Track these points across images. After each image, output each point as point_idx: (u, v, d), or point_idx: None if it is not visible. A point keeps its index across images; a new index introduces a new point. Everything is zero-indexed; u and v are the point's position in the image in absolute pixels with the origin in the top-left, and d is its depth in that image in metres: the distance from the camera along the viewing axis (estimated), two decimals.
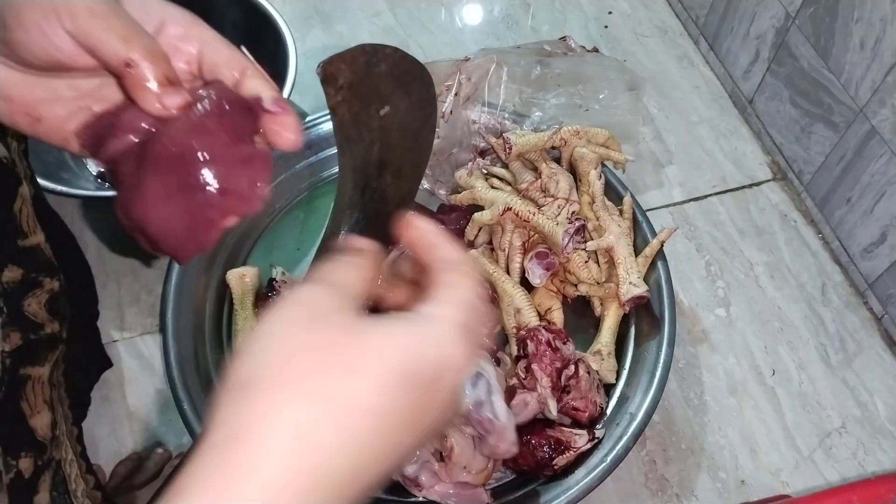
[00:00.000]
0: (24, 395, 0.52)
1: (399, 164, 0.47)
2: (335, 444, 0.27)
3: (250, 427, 0.27)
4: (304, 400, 0.27)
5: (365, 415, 0.28)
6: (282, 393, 0.27)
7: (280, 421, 0.27)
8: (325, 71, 0.39)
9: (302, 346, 0.28)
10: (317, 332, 0.29)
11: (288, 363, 0.28)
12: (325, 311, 0.30)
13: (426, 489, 0.66)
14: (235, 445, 0.26)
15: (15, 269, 0.54)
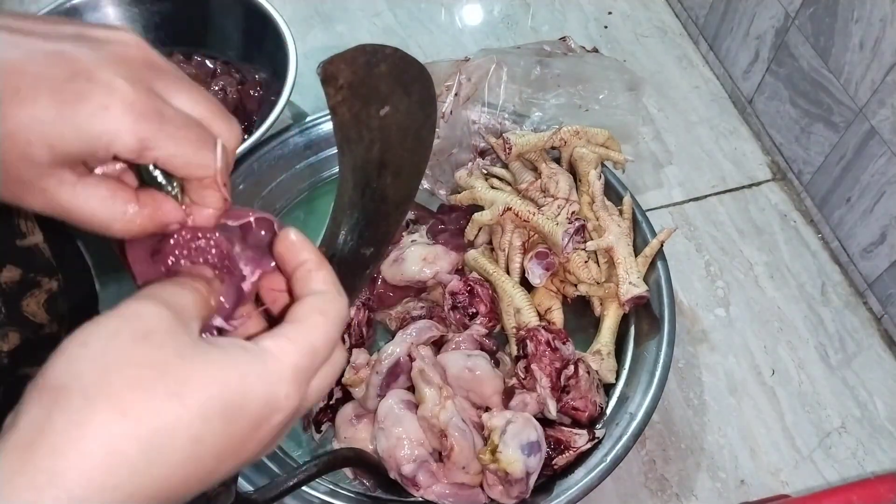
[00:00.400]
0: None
1: (399, 164, 0.47)
2: (143, 462, 0.26)
3: (58, 433, 0.25)
4: (119, 415, 0.26)
5: (181, 440, 0.27)
6: (96, 403, 0.26)
7: (89, 432, 0.25)
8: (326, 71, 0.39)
9: (126, 361, 0.27)
10: (144, 351, 0.27)
11: (107, 376, 0.26)
12: (156, 330, 0.28)
13: (424, 489, 0.66)
14: (40, 451, 0.25)
15: (13, 270, 0.54)
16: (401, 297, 0.80)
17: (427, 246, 0.80)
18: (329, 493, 0.69)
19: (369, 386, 0.70)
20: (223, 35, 0.99)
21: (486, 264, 0.80)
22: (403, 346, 0.70)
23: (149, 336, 0.28)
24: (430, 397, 0.67)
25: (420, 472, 0.66)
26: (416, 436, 0.67)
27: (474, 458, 0.65)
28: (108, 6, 0.96)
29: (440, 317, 0.77)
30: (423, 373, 0.69)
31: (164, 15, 0.99)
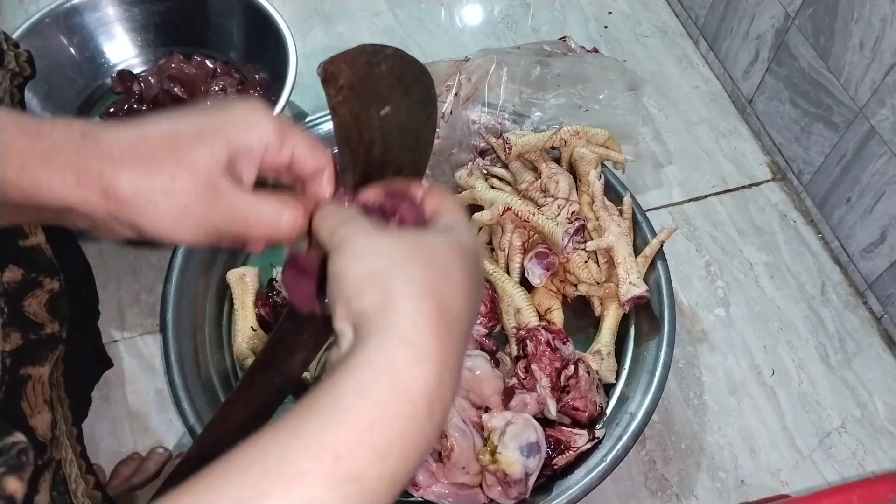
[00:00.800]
0: (25, 394, 0.52)
1: (399, 164, 0.47)
2: (450, 289, 0.36)
3: (396, 294, 0.34)
4: (420, 266, 0.35)
5: (458, 273, 0.37)
6: (406, 264, 0.35)
7: (414, 282, 0.35)
8: (326, 71, 0.39)
9: (394, 244, 0.37)
10: (391, 241, 0.37)
11: (395, 252, 0.36)
12: (395, 233, 0.38)
13: (423, 489, 0.66)
14: (389, 312, 0.34)
15: (15, 270, 0.54)
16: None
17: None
18: None
19: None
20: (223, 35, 0.99)
21: (486, 264, 0.80)
22: None
23: (388, 237, 0.37)
24: None
25: (420, 472, 0.66)
26: None
27: (474, 459, 0.66)
28: (109, 6, 0.96)
29: None
30: None
31: (164, 15, 0.99)
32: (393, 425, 0.31)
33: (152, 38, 1.00)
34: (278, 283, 0.78)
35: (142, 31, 0.99)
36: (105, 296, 0.85)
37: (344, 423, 0.30)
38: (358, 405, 0.31)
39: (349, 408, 0.31)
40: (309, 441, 0.30)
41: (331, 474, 0.29)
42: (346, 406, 0.31)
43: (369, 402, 0.31)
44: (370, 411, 0.31)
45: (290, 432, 0.31)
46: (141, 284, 0.88)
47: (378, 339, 0.33)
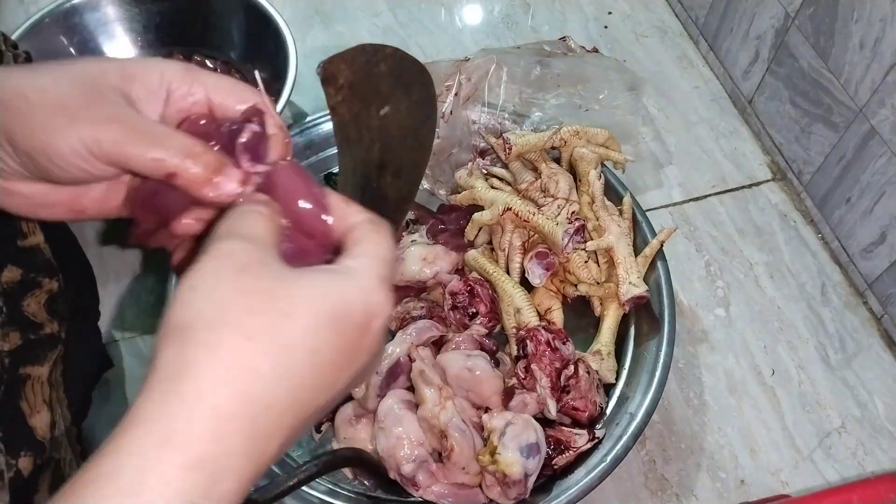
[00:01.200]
0: (24, 394, 0.52)
1: (399, 164, 0.47)
2: (274, 376, 0.29)
3: (194, 362, 0.28)
4: (242, 338, 0.29)
5: (301, 352, 0.30)
6: (221, 332, 0.29)
7: (221, 356, 0.28)
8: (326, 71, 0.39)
9: (235, 293, 0.30)
10: (246, 281, 0.30)
11: (224, 308, 0.29)
12: (249, 263, 0.31)
13: (423, 489, 0.66)
14: (181, 379, 0.28)
15: (14, 270, 0.54)
16: (401, 297, 0.80)
17: (427, 246, 0.80)
18: (329, 493, 0.69)
19: (369, 386, 0.70)
20: (223, 35, 0.99)
21: (486, 264, 0.80)
22: (403, 347, 0.70)
23: (246, 269, 0.31)
24: (429, 398, 0.67)
25: (420, 472, 0.66)
26: (416, 436, 0.67)
27: (474, 459, 0.66)
28: (109, 6, 0.96)
29: (440, 317, 0.77)
30: (422, 374, 0.69)
31: (164, 15, 0.99)
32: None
33: (152, 38, 1.00)
34: None
35: (142, 31, 0.99)
36: (105, 296, 0.85)
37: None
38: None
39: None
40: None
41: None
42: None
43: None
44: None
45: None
46: (141, 284, 0.88)
47: (137, 430, 0.28)
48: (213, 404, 0.28)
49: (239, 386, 0.28)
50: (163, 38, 1.00)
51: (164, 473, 0.26)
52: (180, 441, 0.27)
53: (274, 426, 0.29)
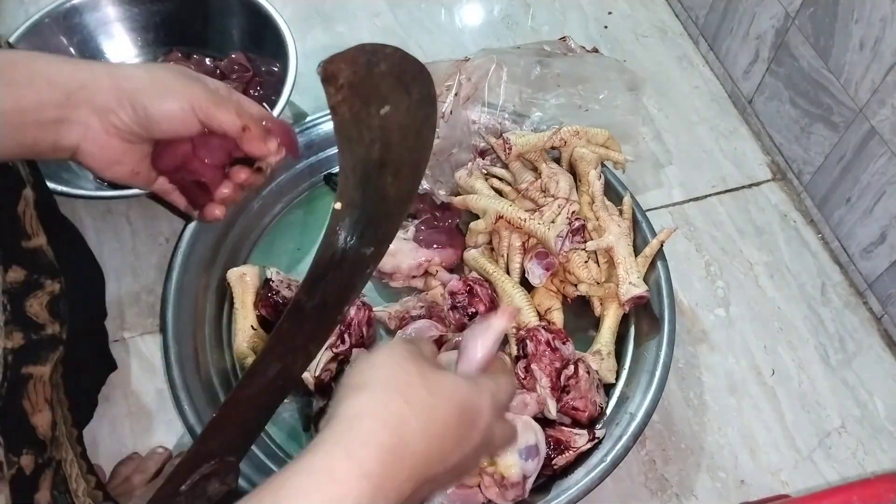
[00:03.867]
0: (26, 393, 0.53)
1: (399, 164, 0.47)
2: (419, 431, 0.38)
3: (370, 408, 0.38)
4: (402, 400, 0.39)
5: (440, 422, 0.40)
6: (388, 393, 0.39)
7: (389, 407, 0.38)
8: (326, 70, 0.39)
9: (401, 371, 0.41)
10: (411, 365, 0.41)
11: (392, 377, 0.40)
12: (416, 357, 0.42)
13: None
14: (360, 418, 0.38)
15: (18, 270, 0.54)
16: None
17: (398, 240, 0.80)
18: None
19: None
20: (223, 35, 0.99)
21: (485, 264, 0.80)
22: None
23: (410, 359, 0.42)
24: None
25: None
26: None
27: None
28: (108, 6, 0.96)
29: (439, 316, 0.77)
30: None
31: (164, 15, 0.99)
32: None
33: (152, 38, 1.00)
34: (275, 283, 0.78)
35: (142, 31, 0.99)
36: (105, 296, 0.85)
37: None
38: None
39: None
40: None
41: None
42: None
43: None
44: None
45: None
46: (141, 284, 0.88)
47: (328, 446, 0.37)
48: (379, 441, 0.37)
49: (397, 430, 0.38)
50: (163, 38, 1.00)
51: (346, 477, 0.36)
52: (358, 457, 0.36)
53: (412, 468, 0.38)
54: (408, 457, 0.38)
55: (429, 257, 0.81)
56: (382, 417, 0.38)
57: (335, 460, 0.36)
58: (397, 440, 0.37)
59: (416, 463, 0.38)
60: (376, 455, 0.37)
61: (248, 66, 0.95)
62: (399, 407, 0.39)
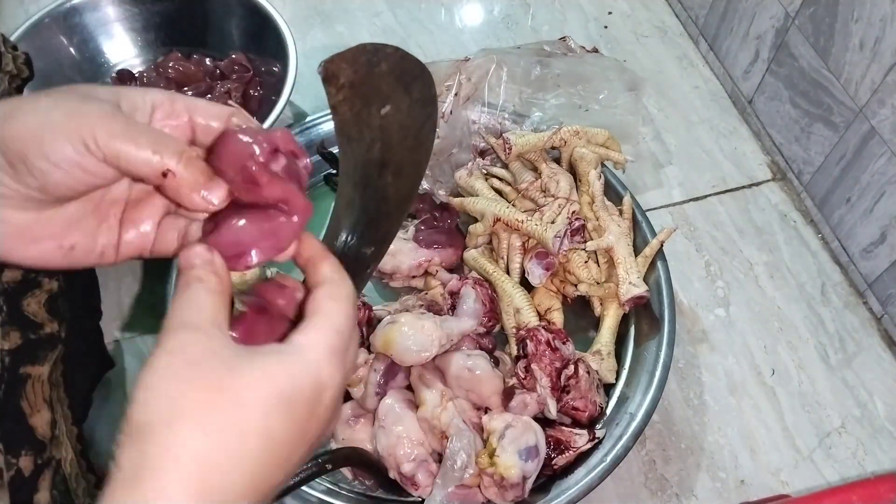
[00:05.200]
0: (24, 393, 0.52)
1: (399, 164, 0.47)
2: (231, 465, 0.31)
3: (155, 463, 0.30)
4: (197, 432, 0.31)
5: (255, 437, 0.32)
6: (177, 428, 0.30)
7: (180, 454, 0.30)
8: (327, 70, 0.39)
9: (189, 388, 0.31)
10: (198, 375, 0.32)
11: (178, 405, 0.31)
12: (200, 356, 0.33)
13: (423, 488, 0.66)
14: (143, 480, 0.30)
15: (15, 269, 0.54)
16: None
17: (398, 240, 0.80)
18: (328, 492, 0.69)
19: (367, 384, 0.70)
20: (223, 35, 0.99)
21: (485, 264, 0.80)
22: None
23: (197, 362, 0.32)
24: (430, 400, 0.67)
25: (419, 471, 0.66)
26: (416, 435, 0.67)
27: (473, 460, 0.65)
28: (109, 6, 0.96)
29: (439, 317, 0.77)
30: (422, 377, 0.69)
31: (164, 15, 0.99)
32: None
33: (152, 38, 1.00)
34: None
35: (142, 31, 0.99)
36: (105, 296, 0.85)
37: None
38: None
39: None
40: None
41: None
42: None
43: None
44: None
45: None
46: (141, 284, 0.88)
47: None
48: (174, 500, 0.29)
49: (198, 480, 0.30)
50: (163, 38, 1.00)
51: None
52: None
53: (240, 493, 0.31)
54: (223, 499, 0.31)
55: (429, 257, 0.81)
56: (175, 468, 0.30)
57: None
58: (202, 490, 0.30)
59: (237, 499, 0.31)
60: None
61: (248, 66, 0.95)
62: (195, 444, 0.30)
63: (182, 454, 0.30)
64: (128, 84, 0.94)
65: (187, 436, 0.30)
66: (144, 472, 0.30)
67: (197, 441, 0.30)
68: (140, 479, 0.30)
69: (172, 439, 0.30)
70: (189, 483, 0.30)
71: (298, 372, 0.34)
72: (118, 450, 0.31)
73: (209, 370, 0.32)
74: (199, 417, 0.31)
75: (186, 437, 0.30)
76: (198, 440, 0.30)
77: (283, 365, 0.34)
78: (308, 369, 0.34)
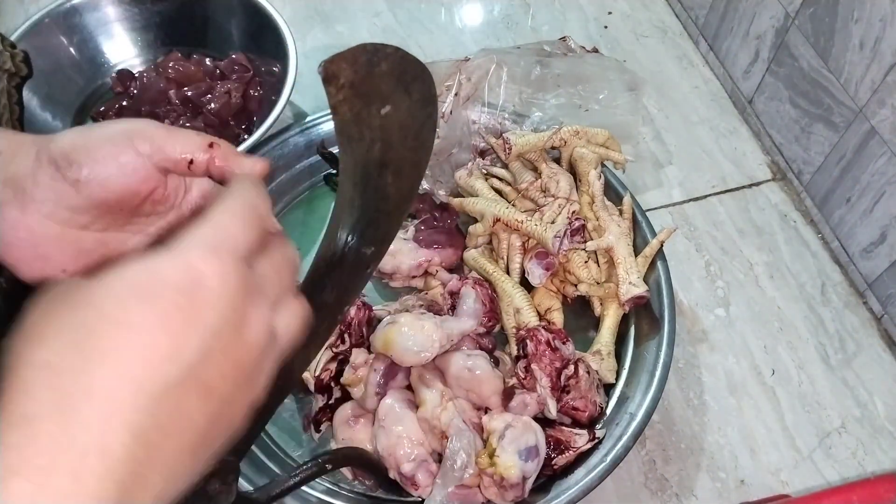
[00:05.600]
0: None
1: (399, 164, 0.47)
2: (80, 360, 0.28)
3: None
4: (51, 331, 0.29)
5: (110, 327, 0.28)
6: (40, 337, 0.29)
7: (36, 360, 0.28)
8: (327, 70, 0.39)
9: (54, 329, 0.30)
10: (62, 312, 0.30)
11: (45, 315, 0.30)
12: (66, 291, 0.31)
13: (423, 488, 0.66)
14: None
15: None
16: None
17: (398, 240, 0.80)
18: (328, 492, 0.69)
19: (367, 384, 0.70)
20: (223, 35, 0.99)
21: (485, 264, 0.80)
22: None
23: (64, 300, 0.30)
24: (430, 400, 0.67)
25: (419, 471, 0.66)
26: (416, 435, 0.67)
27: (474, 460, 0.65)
28: (109, 6, 0.96)
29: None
30: (422, 377, 0.69)
31: (164, 15, 0.99)
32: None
33: (152, 38, 1.00)
34: None
35: (142, 31, 0.99)
36: None
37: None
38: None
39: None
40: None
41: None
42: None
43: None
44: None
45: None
46: None
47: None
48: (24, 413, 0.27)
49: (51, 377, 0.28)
50: (163, 38, 1.00)
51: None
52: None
53: (136, 457, 0.27)
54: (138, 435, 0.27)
55: (429, 257, 0.81)
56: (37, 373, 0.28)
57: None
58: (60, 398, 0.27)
59: (95, 382, 0.27)
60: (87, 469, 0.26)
61: (248, 66, 0.95)
62: (56, 347, 0.28)
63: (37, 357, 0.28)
64: (128, 84, 0.94)
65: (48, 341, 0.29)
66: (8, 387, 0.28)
67: (52, 343, 0.29)
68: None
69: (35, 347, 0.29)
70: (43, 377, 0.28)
71: (161, 262, 0.29)
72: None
73: (74, 306, 0.30)
74: (61, 318, 0.29)
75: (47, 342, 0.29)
76: (55, 341, 0.29)
77: (144, 261, 0.30)
78: (173, 259, 0.30)
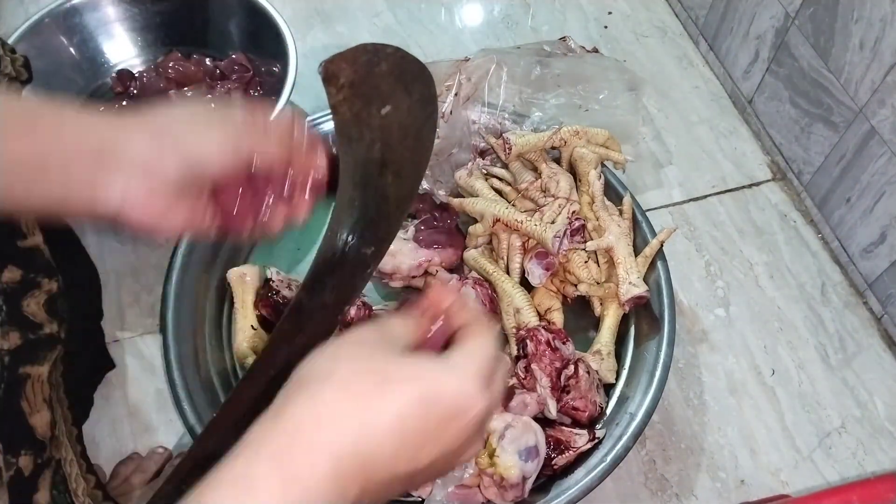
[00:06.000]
0: (24, 393, 0.53)
1: (399, 164, 0.47)
2: (358, 432, 0.33)
3: (296, 407, 0.34)
4: (341, 394, 0.35)
5: (387, 417, 0.34)
6: (326, 386, 0.35)
7: (317, 405, 0.34)
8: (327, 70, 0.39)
9: (346, 359, 0.36)
10: (360, 353, 0.37)
11: (334, 368, 0.36)
12: (372, 343, 0.38)
13: (423, 488, 0.66)
14: (283, 417, 0.34)
15: (14, 270, 0.54)
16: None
17: (398, 240, 0.80)
18: None
19: None
20: (223, 35, 0.99)
21: (485, 264, 0.80)
22: None
23: (363, 343, 0.38)
24: None
25: None
26: None
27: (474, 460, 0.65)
28: (109, 6, 0.96)
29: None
30: None
31: (164, 15, 0.99)
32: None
33: (152, 38, 1.00)
34: (275, 283, 0.78)
35: (142, 31, 0.99)
36: (105, 296, 0.85)
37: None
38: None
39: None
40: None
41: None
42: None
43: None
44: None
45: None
46: (141, 284, 0.88)
47: (253, 451, 0.33)
48: (310, 440, 0.33)
49: (326, 431, 0.33)
50: (163, 38, 1.00)
51: (270, 483, 0.32)
52: (281, 461, 0.32)
53: (351, 473, 0.33)
54: (345, 457, 0.33)
55: (429, 257, 0.81)
56: (311, 415, 0.34)
57: (255, 465, 0.33)
58: (329, 442, 0.33)
59: (358, 466, 0.33)
60: (303, 458, 0.33)
61: (248, 66, 0.95)
62: (334, 401, 0.34)
63: (319, 408, 0.34)
64: (128, 84, 0.94)
65: (331, 394, 0.34)
66: (286, 412, 0.34)
67: (337, 401, 0.34)
68: (281, 417, 0.34)
69: (317, 393, 0.35)
70: (322, 434, 0.33)
71: (446, 381, 0.36)
72: (282, 396, 0.36)
73: (370, 351, 0.37)
74: (347, 383, 0.35)
75: (329, 394, 0.34)
76: (338, 400, 0.34)
77: (435, 372, 0.37)
78: (453, 382, 0.36)
